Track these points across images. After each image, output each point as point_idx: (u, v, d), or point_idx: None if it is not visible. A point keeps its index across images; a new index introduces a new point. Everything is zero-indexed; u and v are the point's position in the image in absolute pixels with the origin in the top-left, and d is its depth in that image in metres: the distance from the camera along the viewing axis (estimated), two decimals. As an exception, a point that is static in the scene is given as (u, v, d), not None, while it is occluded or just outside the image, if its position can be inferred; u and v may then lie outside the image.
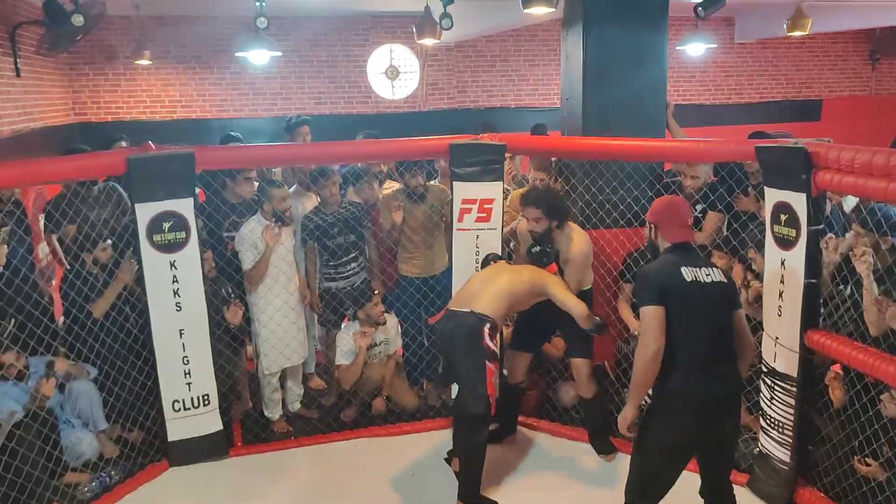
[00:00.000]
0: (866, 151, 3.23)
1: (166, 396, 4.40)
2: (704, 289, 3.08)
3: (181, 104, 9.68)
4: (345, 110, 10.10)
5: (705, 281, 3.09)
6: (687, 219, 3.25)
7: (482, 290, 4.10)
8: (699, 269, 3.12)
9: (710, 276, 3.11)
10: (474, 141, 4.78)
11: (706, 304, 3.08)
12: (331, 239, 5.04)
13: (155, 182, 4.21)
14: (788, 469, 3.86)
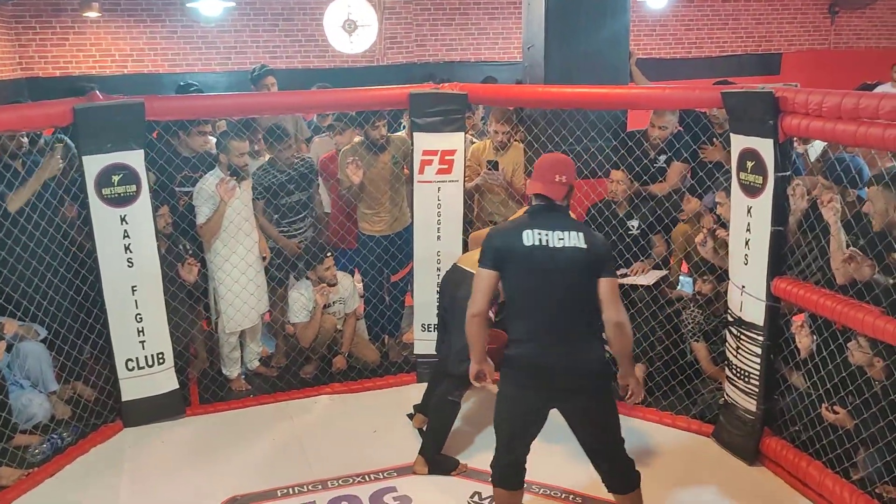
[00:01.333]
0: (835, 95, 3.18)
1: (119, 355, 4.27)
2: (552, 254, 2.84)
3: (132, 58, 9.37)
4: (301, 64, 9.86)
5: (555, 246, 2.84)
6: (551, 174, 2.95)
7: None
8: (551, 232, 2.86)
9: (563, 240, 2.85)
10: (435, 90, 4.65)
11: (551, 270, 2.85)
12: (281, 198, 4.88)
13: (103, 133, 4.05)
14: (754, 419, 3.87)
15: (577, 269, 2.85)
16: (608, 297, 2.85)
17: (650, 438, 4.18)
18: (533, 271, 2.88)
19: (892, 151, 3.11)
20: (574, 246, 2.85)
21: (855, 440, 3.40)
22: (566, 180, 2.97)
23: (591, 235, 2.91)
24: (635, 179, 4.69)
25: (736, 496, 3.65)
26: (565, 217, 2.98)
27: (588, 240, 2.87)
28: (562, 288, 2.87)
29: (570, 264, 2.85)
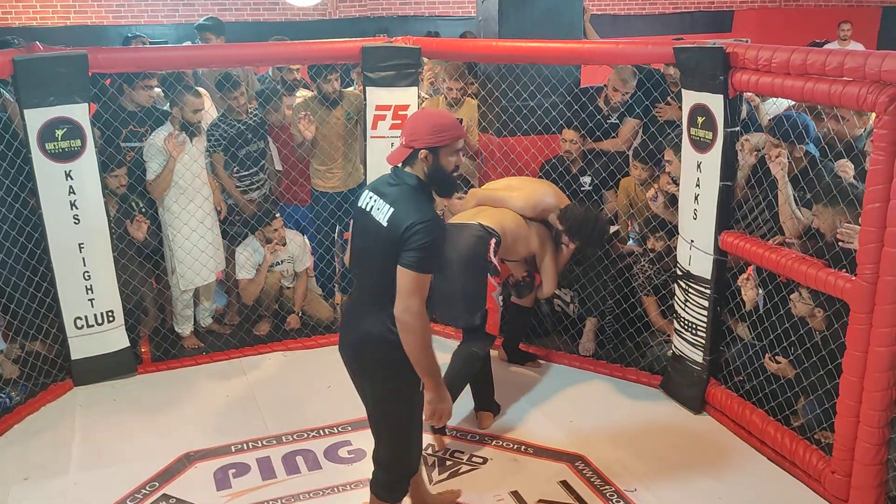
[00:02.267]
0: (784, 51, 3.21)
1: (67, 313, 4.19)
2: (368, 221, 2.62)
3: (75, 9, 9.07)
4: (251, 17, 9.64)
5: (373, 215, 2.60)
6: (402, 136, 2.64)
7: (488, 211, 3.94)
8: (379, 199, 2.60)
9: (379, 211, 2.58)
10: (388, 44, 4.59)
11: (365, 238, 2.66)
12: (241, 148, 4.79)
13: (45, 86, 3.92)
14: (701, 369, 3.97)
15: (377, 245, 2.58)
16: (398, 286, 2.50)
17: (600, 390, 4.28)
18: (357, 234, 2.73)
19: (836, 106, 3.17)
20: (378, 221, 2.57)
21: (796, 388, 3.52)
22: (405, 143, 2.59)
23: (401, 214, 2.51)
24: (588, 136, 4.71)
25: (682, 444, 3.76)
26: (398, 185, 2.60)
27: (393, 217, 2.53)
28: (366, 259, 2.67)
29: (374, 238, 2.59)
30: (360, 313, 2.68)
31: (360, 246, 2.70)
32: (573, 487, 3.43)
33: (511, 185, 4.19)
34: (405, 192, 2.58)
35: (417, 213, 2.50)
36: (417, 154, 2.57)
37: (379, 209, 2.58)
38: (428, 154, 2.57)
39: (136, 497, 3.37)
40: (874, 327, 2.95)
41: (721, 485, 3.45)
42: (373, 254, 2.62)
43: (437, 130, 2.58)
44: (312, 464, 3.61)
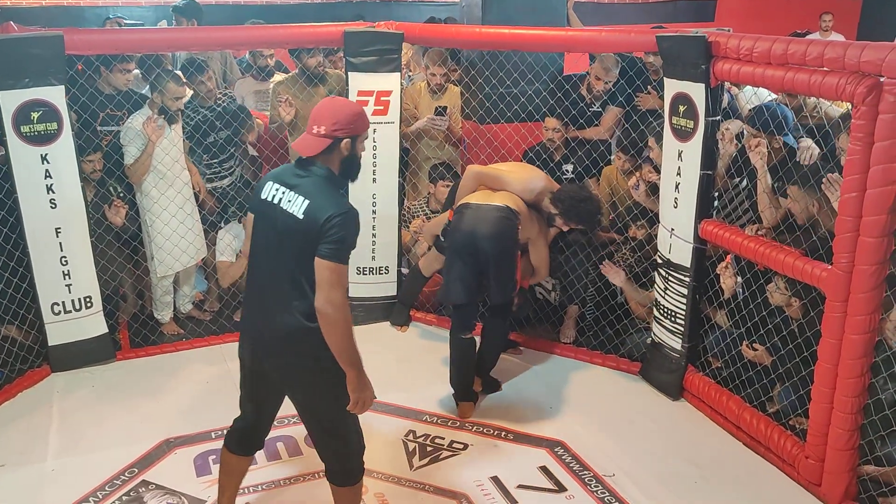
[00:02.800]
0: (765, 40, 3.23)
1: (44, 299, 4.14)
2: (276, 213, 2.56)
3: (50, -12, 8.84)
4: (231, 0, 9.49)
5: (283, 207, 2.54)
6: (311, 124, 2.57)
7: (500, 193, 3.93)
8: (288, 191, 2.55)
9: (290, 202, 2.53)
10: (370, 28, 4.56)
11: (273, 231, 2.59)
12: (208, 136, 4.74)
13: (20, 67, 3.85)
14: (679, 357, 4.01)
15: (291, 238, 2.53)
16: (317, 279, 2.46)
17: (581, 377, 4.30)
18: (262, 227, 2.65)
19: (815, 96, 3.19)
20: (292, 213, 2.51)
21: (772, 375, 3.57)
22: (325, 132, 2.53)
23: (318, 206, 2.48)
24: (571, 123, 4.72)
25: (660, 430, 3.81)
26: (309, 177, 2.56)
27: (310, 209, 2.48)
28: (276, 252, 2.59)
29: (287, 231, 2.53)
30: (273, 309, 2.59)
31: (269, 239, 2.61)
32: (552, 473, 3.46)
33: (507, 169, 4.19)
34: (318, 183, 2.54)
35: (336, 206, 2.47)
36: (339, 143, 2.55)
37: (291, 201, 2.53)
38: (350, 143, 2.57)
39: (115, 483, 3.35)
40: (849, 315, 3.00)
41: (697, 469, 3.49)
42: (286, 247, 2.55)
43: (356, 118, 2.58)
44: (293, 450, 3.61)
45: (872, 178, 2.84)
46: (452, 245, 3.87)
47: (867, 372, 3.02)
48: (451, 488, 3.35)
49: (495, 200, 3.87)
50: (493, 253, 3.75)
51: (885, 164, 2.80)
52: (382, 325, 4.91)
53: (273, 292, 2.60)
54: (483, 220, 3.76)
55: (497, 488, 3.35)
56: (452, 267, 3.84)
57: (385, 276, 4.90)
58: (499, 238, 3.76)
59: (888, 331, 3.03)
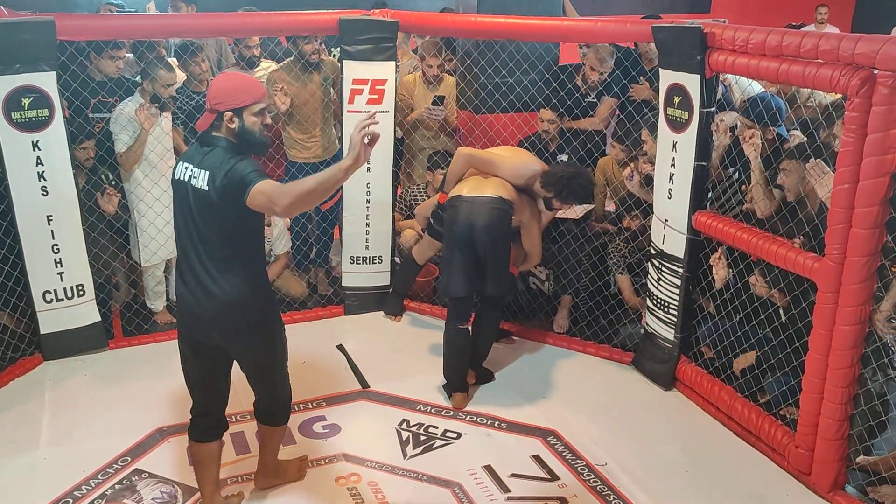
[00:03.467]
0: (761, 32, 3.23)
1: (36, 287, 4.12)
2: (188, 191, 2.67)
3: (41, -27, 8.75)
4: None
5: (192, 184, 2.65)
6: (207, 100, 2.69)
7: (492, 181, 3.91)
8: (194, 167, 2.66)
9: (197, 179, 2.64)
10: (365, 17, 4.54)
11: (189, 209, 2.68)
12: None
13: (11, 53, 3.82)
14: (672, 347, 4.03)
15: (208, 211, 2.63)
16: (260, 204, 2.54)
17: (574, 367, 4.32)
18: (180, 207, 2.73)
19: (809, 88, 3.20)
20: (199, 188, 2.63)
21: (763, 365, 3.59)
22: (209, 107, 2.66)
23: (214, 174, 2.59)
24: (566, 113, 4.71)
25: (652, 420, 3.83)
26: (209, 150, 2.67)
27: (210, 179, 2.60)
28: (200, 226, 2.67)
29: (200, 206, 2.64)
30: (212, 284, 2.70)
31: (187, 217, 2.70)
32: (545, 462, 3.47)
33: (498, 153, 4.16)
34: (217, 153, 2.64)
35: (228, 162, 2.59)
36: (222, 117, 2.65)
37: (196, 177, 2.64)
38: (232, 116, 2.64)
39: (108, 472, 3.35)
40: (840, 306, 3.01)
41: (689, 459, 3.51)
42: (208, 221, 2.65)
43: (237, 91, 2.66)
44: (287, 438, 3.60)
45: (865, 170, 2.85)
46: (449, 238, 3.86)
47: (857, 363, 3.04)
48: (445, 477, 3.36)
49: (488, 191, 3.85)
50: (491, 245, 3.77)
51: (878, 156, 2.81)
52: (376, 314, 4.91)
53: (203, 267, 2.70)
54: (478, 213, 3.76)
55: (490, 477, 3.36)
56: (452, 260, 3.84)
57: (378, 266, 4.90)
58: (495, 230, 3.77)
59: (878, 322, 3.04)
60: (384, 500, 3.20)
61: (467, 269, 3.80)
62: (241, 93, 2.67)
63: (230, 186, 2.56)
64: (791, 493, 3.29)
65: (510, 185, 3.93)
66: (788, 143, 3.70)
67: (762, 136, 3.62)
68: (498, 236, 3.79)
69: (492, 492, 3.27)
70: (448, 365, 3.96)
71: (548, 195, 3.98)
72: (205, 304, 2.72)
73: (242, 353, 2.88)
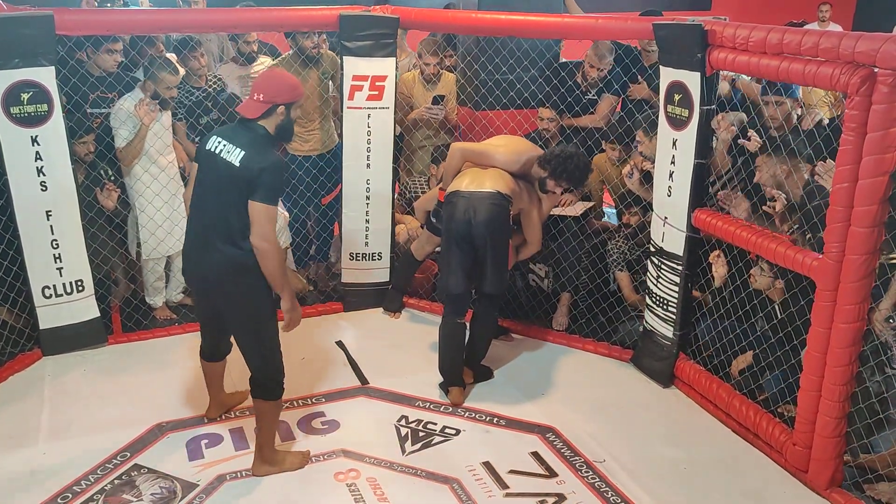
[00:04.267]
0: (761, 29, 3.23)
1: (35, 282, 4.12)
2: (218, 163, 3.02)
3: (40, -33, 8.71)
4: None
5: (223, 157, 3.00)
6: (253, 92, 3.08)
7: (489, 174, 3.90)
8: (228, 143, 3.02)
9: (230, 153, 2.99)
10: (365, 13, 4.53)
11: (214, 177, 3.05)
12: (199, 117, 4.70)
13: (9, 47, 3.81)
14: (671, 344, 4.03)
15: (228, 183, 2.98)
16: (252, 219, 2.95)
17: (573, 364, 4.32)
18: (205, 174, 3.11)
19: (810, 86, 3.20)
20: (230, 162, 2.98)
21: (762, 363, 3.59)
22: (263, 99, 3.03)
23: (252, 157, 2.95)
24: (567, 111, 4.71)
25: (650, 417, 3.83)
26: (248, 133, 3.04)
27: (245, 159, 2.95)
28: (216, 196, 3.04)
29: (225, 177, 2.99)
30: (214, 244, 3.03)
31: (210, 184, 3.07)
32: (544, 458, 3.48)
33: (491, 143, 4.15)
34: (256, 139, 3.02)
35: (268, 158, 2.97)
36: (276, 109, 3.04)
37: (230, 152, 2.98)
38: (284, 109, 3.05)
39: (107, 467, 3.35)
40: (839, 304, 3.02)
41: (687, 456, 3.52)
42: (224, 191, 2.99)
43: (292, 88, 3.08)
44: (286, 434, 3.61)
45: (865, 169, 2.85)
46: (448, 234, 3.86)
47: (855, 361, 3.05)
48: (443, 473, 3.36)
49: (486, 186, 3.83)
50: (489, 241, 3.76)
51: (878, 155, 2.81)
52: (375, 310, 4.91)
53: (214, 229, 3.04)
54: (476, 209, 3.74)
55: (489, 473, 3.37)
56: (450, 257, 3.83)
57: (378, 263, 4.89)
58: (493, 225, 3.76)
59: (877, 321, 3.04)
60: (383, 496, 3.21)
61: (465, 266, 3.79)
62: (293, 91, 3.08)
63: (252, 179, 2.92)
64: (788, 491, 3.30)
65: (508, 176, 3.91)
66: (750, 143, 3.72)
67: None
68: (496, 231, 3.77)
69: (490, 488, 3.28)
70: (444, 359, 3.95)
71: (543, 174, 3.96)
72: (206, 262, 3.08)
73: (231, 314, 3.16)
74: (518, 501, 3.21)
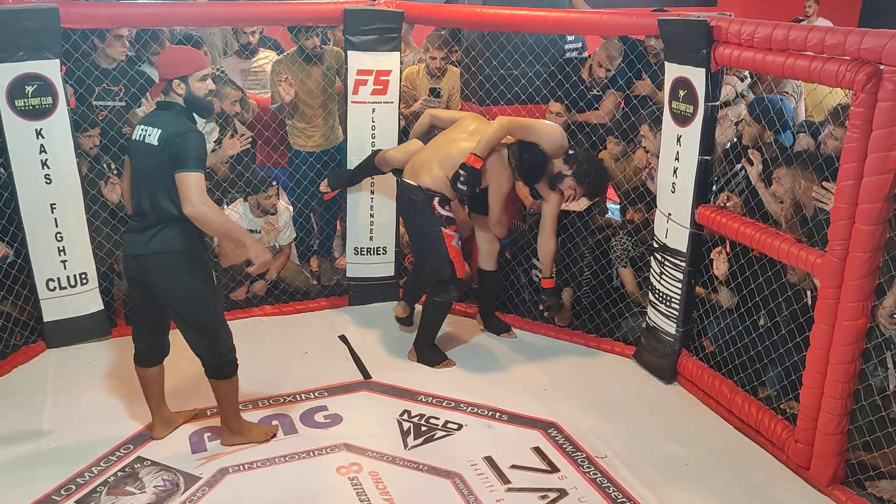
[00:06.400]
0: (767, 26, 3.22)
1: (39, 275, 4.14)
2: (142, 148, 3.08)
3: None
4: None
5: (145, 140, 3.06)
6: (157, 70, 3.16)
7: (431, 159, 4.02)
8: (149, 127, 3.08)
9: (150, 136, 3.06)
10: (370, 7, 4.52)
11: (142, 164, 3.11)
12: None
13: (14, 40, 3.82)
14: (673, 341, 4.03)
15: (152, 163, 3.04)
16: (181, 190, 2.97)
17: (575, 360, 4.32)
18: (134, 164, 3.17)
19: (815, 83, 3.19)
20: (150, 143, 3.04)
21: (765, 360, 3.59)
22: (160, 77, 3.11)
23: (167, 132, 3.01)
24: (571, 106, 4.70)
25: (652, 413, 3.83)
26: (164, 113, 3.11)
27: (161, 136, 3.01)
28: (146, 182, 3.09)
29: (148, 159, 3.05)
30: (149, 232, 3.08)
31: (139, 172, 3.12)
32: (545, 454, 3.48)
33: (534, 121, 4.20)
34: (170, 115, 3.09)
35: (183, 128, 3.01)
36: (172, 84, 3.08)
37: (150, 135, 3.05)
38: (179, 83, 3.08)
39: (110, 459, 3.36)
40: (842, 302, 3.01)
41: (689, 452, 3.52)
42: (154, 176, 3.04)
43: (184, 61, 3.11)
44: (289, 428, 3.62)
45: (870, 166, 2.84)
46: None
47: (858, 358, 3.04)
48: (445, 468, 3.37)
49: (420, 177, 3.97)
50: (409, 231, 4.14)
51: (883, 153, 2.80)
52: (380, 305, 4.91)
53: (148, 217, 3.09)
54: (400, 201, 4.05)
55: (491, 468, 3.37)
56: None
57: (383, 257, 4.90)
58: (409, 219, 4.05)
59: (882, 318, 3.04)
60: (385, 491, 3.21)
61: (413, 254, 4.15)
62: (183, 63, 3.10)
63: (172, 151, 2.97)
64: (790, 488, 3.29)
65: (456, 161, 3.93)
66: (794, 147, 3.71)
67: (760, 139, 3.62)
68: (412, 223, 4.10)
69: (492, 483, 3.28)
70: None
71: (566, 172, 4.05)
72: (142, 245, 3.10)
73: (169, 300, 3.15)
74: (519, 496, 3.21)
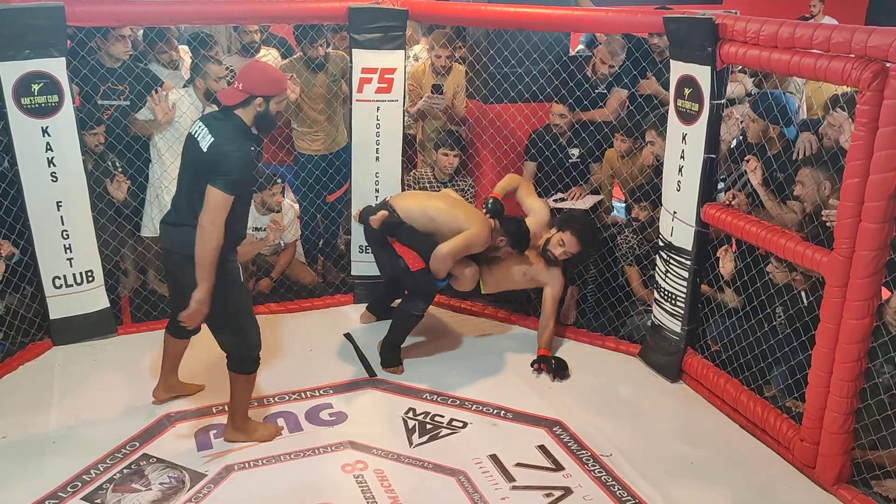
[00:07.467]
0: (772, 23, 3.21)
1: (45, 272, 4.15)
2: (193, 146, 3.12)
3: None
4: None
5: (197, 141, 3.10)
6: (235, 81, 3.16)
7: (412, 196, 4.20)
8: (206, 128, 3.11)
9: (202, 138, 3.09)
10: (375, 5, 4.52)
11: (189, 160, 3.17)
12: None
13: (20, 38, 3.83)
14: (679, 339, 4.02)
15: (196, 166, 3.10)
16: (206, 201, 3.00)
17: (580, 358, 4.32)
18: (184, 156, 3.23)
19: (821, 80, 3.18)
20: (200, 146, 3.08)
21: (769, 359, 3.58)
22: (243, 88, 3.10)
23: (219, 145, 3.03)
24: (576, 104, 4.70)
25: (657, 411, 3.83)
26: (225, 122, 3.12)
27: (212, 146, 3.04)
28: (188, 177, 3.17)
29: (196, 161, 3.10)
30: (181, 223, 3.14)
31: (185, 165, 3.20)
32: (550, 452, 3.48)
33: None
34: (229, 128, 3.08)
35: (234, 148, 3.02)
36: (254, 100, 3.09)
37: (203, 137, 3.07)
38: (262, 101, 3.10)
39: (116, 457, 3.37)
40: (848, 300, 3.00)
41: (694, 451, 3.52)
42: (193, 174, 3.11)
43: (274, 82, 3.15)
44: (294, 426, 3.63)
45: (876, 164, 2.83)
46: None
47: (864, 356, 3.03)
48: (450, 465, 3.37)
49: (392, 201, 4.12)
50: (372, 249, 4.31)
51: (889, 150, 2.79)
52: (383, 303, 4.91)
53: (183, 209, 3.16)
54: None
55: (495, 466, 3.37)
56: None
57: (386, 255, 4.89)
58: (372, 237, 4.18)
59: (889, 315, 3.03)
60: (390, 488, 3.22)
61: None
62: (274, 84, 3.14)
63: (215, 162, 3.00)
64: (795, 486, 3.29)
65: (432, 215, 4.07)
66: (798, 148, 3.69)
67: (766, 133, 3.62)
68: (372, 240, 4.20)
69: (497, 481, 3.28)
70: None
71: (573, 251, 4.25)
72: (174, 238, 3.18)
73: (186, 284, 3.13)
74: (524, 494, 3.21)
